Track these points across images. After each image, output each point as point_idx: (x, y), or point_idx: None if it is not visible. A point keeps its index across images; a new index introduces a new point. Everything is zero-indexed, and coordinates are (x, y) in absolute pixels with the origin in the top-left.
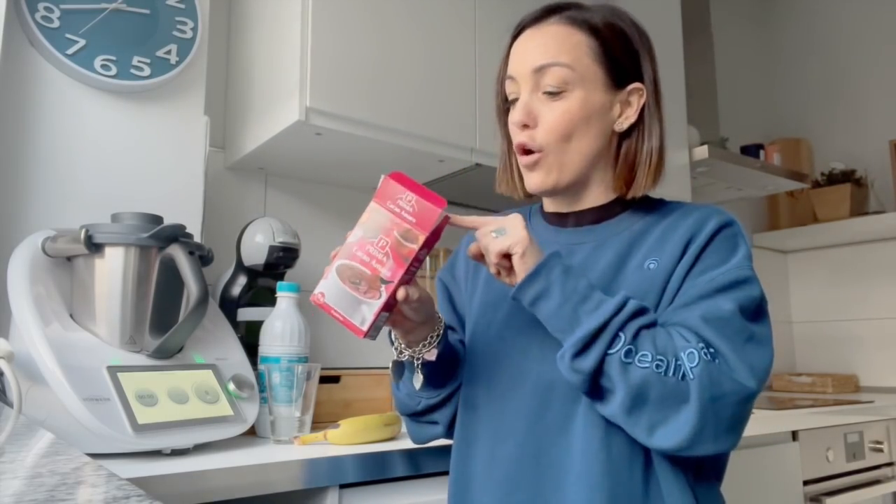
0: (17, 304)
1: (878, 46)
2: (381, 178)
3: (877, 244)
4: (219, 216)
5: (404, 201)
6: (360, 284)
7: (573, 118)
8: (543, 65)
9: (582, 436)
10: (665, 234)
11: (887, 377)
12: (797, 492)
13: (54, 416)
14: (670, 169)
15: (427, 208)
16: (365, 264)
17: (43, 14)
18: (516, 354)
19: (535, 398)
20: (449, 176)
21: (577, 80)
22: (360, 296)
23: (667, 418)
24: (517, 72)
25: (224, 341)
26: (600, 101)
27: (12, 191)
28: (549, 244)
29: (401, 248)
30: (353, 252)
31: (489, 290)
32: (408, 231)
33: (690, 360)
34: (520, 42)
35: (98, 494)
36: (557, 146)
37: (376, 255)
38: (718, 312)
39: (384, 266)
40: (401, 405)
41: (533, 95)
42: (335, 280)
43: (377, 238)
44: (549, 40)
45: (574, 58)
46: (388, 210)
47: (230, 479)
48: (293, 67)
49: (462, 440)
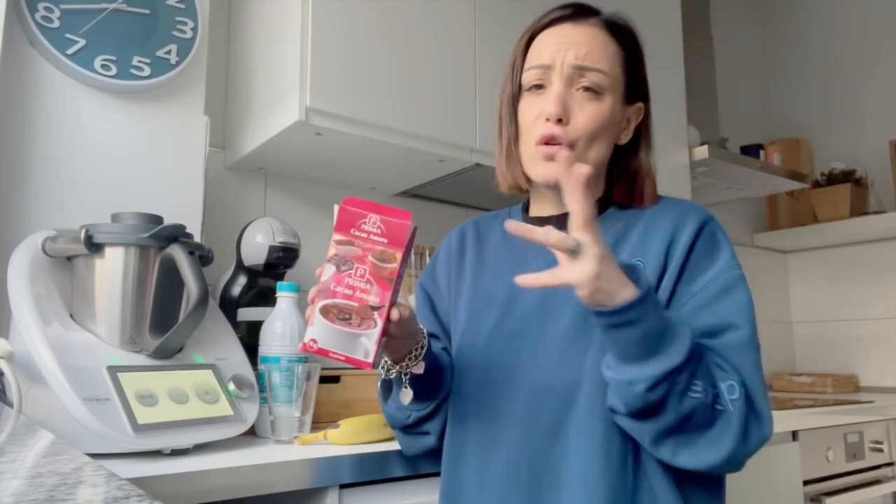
0: (17, 304)
1: (877, 46)
2: (335, 207)
3: (877, 244)
4: (219, 216)
5: (369, 224)
6: (351, 319)
7: (603, 121)
8: (587, 66)
9: (579, 439)
10: (646, 233)
11: (887, 377)
12: (797, 492)
13: (54, 416)
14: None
15: (396, 225)
16: (349, 298)
17: (43, 14)
18: (508, 361)
19: (529, 404)
20: (449, 176)
21: (609, 88)
22: (356, 329)
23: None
24: (555, 62)
25: (224, 341)
26: (619, 111)
27: (12, 191)
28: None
29: (381, 270)
30: (332, 289)
31: (476, 295)
32: (382, 252)
33: (730, 392)
34: (557, 32)
35: (98, 494)
36: (584, 144)
37: (358, 285)
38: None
39: (370, 294)
40: (391, 419)
41: (568, 90)
42: (322, 323)
43: (353, 269)
44: (594, 43)
45: (610, 66)
46: (353, 238)
47: (230, 479)
48: (293, 67)
49: (452, 447)
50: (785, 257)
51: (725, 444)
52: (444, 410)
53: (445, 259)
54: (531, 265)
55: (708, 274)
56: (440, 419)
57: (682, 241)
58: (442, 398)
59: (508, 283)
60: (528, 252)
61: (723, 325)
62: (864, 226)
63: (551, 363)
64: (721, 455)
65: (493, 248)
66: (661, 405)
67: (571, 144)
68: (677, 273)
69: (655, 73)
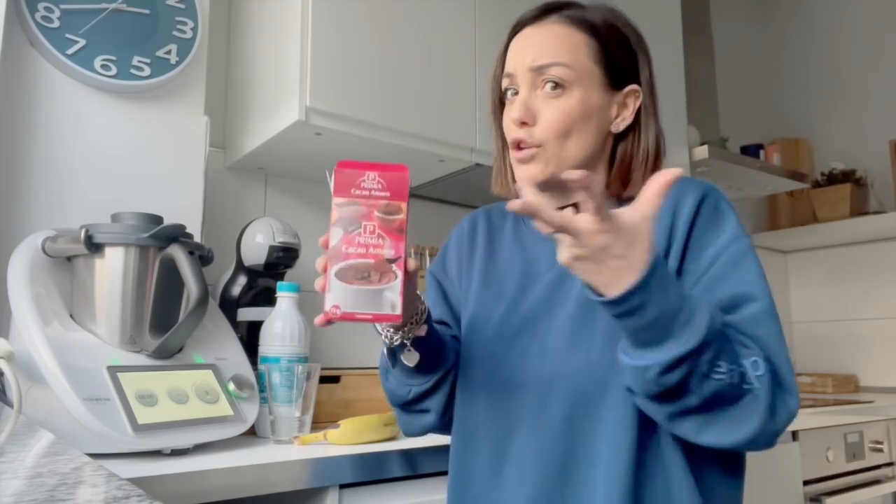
0: (17, 304)
1: (878, 46)
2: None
3: (877, 244)
4: (219, 216)
5: (368, 181)
6: (370, 276)
7: (572, 116)
8: (543, 64)
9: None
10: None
11: (887, 377)
12: (797, 492)
13: (54, 416)
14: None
15: (395, 177)
16: (364, 256)
17: (43, 14)
18: (515, 351)
19: (536, 394)
20: (449, 176)
21: (576, 80)
22: (378, 285)
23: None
24: (516, 69)
25: (224, 341)
26: (598, 100)
27: (12, 191)
28: (544, 241)
29: (389, 223)
30: (345, 251)
31: (485, 285)
32: (387, 206)
33: (755, 368)
34: (519, 40)
35: (98, 494)
36: (555, 143)
37: (370, 241)
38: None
39: (384, 247)
40: (392, 395)
41: (532, 93)
42: (341, 286)
43: (361, 227)
44: (549, 39)
45: (574, 58)
46: (355, 198)
47: (230, 479)
48: (293, 67)
49: (462, 438)
50: (785, 257)
51: (753, 422)
52: (445, 387)
53: (457, 247)
54: (541, 257)
55: (716, 245)
56: (440, 396)
57: (683, 217)
58: (442, 374)
59: (518, 275)
60: (538, 244)
61: (739, 297)
62: (864, 226)
63: (558, 352)
64: (748, 432)
65: (505, 238)
66: (680, 389)
67: (539, 144)
68: (682, 248)
69: (656, 73)
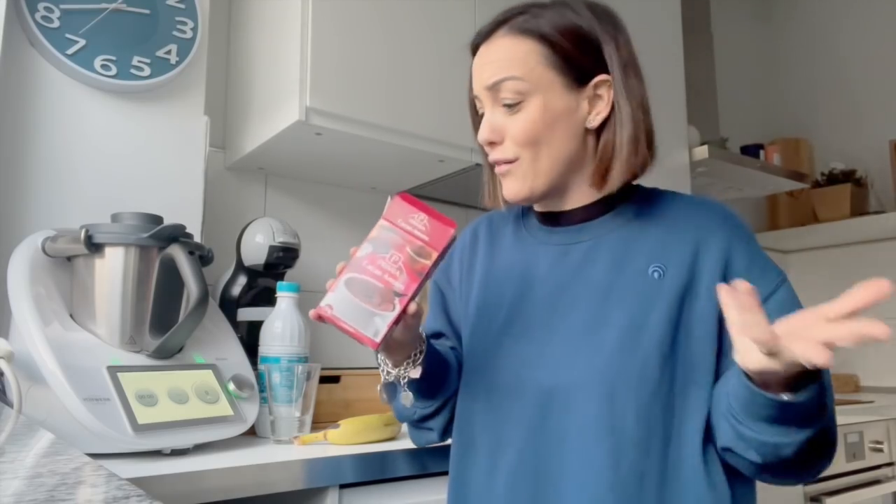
0: (17, 304)
1: (878, 46)
2: (388, 198)
3: (877, 244)
4: (219, 216)
5: (416, 220)
6: (372, 297)
7: (536, 126)
8: (496, 81)
9: (582, 448)
10: (667, 236)
11: (887, 377)
12: (797, 492)
13: (54, 416)
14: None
15: (440, 228)
16: (378, 278)
17: (43, 14)
18: (515, 361)
19: (535, 406)
20: (449, 176)
21: (532, 90)
22: (374, 308)
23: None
24: (477, 90)
25: (224, 341)
26: (562, 104)
27: (12, 191)
28: (545, 246)
29: (414, 263)
30: (364, 266)
31: (486, 293)
32: (421, 248)
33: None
34: (476, 60)
35: (98, 494)
36: (528, 154)
37: (389, 269)
38: None
39: (398, 280)
40: (398, 415)
41: (495, 111)
42: (345, 293)
43: (389, 253)
44: (499, 55)
45: (525, 69)
46: (399, 228)
47: (230, 479)
48: (293, 67)
49: (460, 447)
50: (785, 257)
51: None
52: (448, 409)
53: (459, 256)
54: (540, 265)
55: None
56: (443, 417)
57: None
58: (445, 398)
59: (518, 282)
60: (537, 250)
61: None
62: (864, 226)
63: (559, 364)
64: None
65: (505, 245)
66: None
67: (516, 157)
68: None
69: (655, 73)
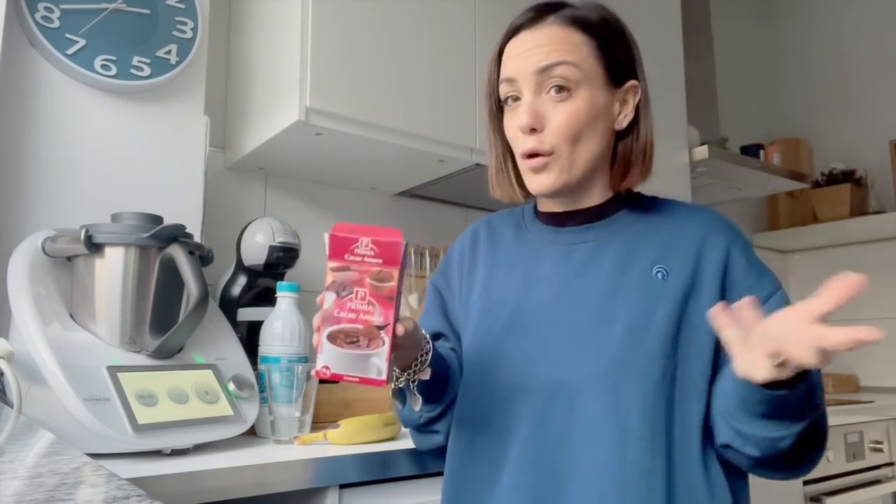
0: (17, 304)
1: (878, 46)
2: (324, 237)
3: (877, 244)
4: (219, 216)
5: (361, 248)
6: (359, 341)
7: (581, 118)
8: (549, 64)
9: (587, 442)
10: (670, 240)
11: (887, 377)
12: (797, 492)
13: (54, 416)
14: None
15: (388, 244)
16: (354, 321)
17: (43, 14)
18: (518, 357)
19: (540, 401)
20: (449, 176)
21: (582, 80)
22: (365, 350)
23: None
24: (517, 73)
25: (224, 341)
26: (603, 100)
27: (12, 191)
28: (549, 246)
29: (380, 290)
30: (336, 315)
31: (489, 293)
32: (379, 272)
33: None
34: (517, 43)
35: (98, 494)
36: (567, 148)
37: (361, 307)
38: None
39: (373, 314)
40: (404, 420)
41: (538, 97)
42: (331, 349)
43: (353, 292)
44: (552, 40)
45: (578, 57)
46: (348, 263)
47: (230, 479)
48: (293, 67)
49: (461, 442)
50: (785, 257)
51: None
52: (452, 410)
53: (458, 258)
54: (544, 263)
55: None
56: (448, 418)
57: (713, 259)
58: (451, 398)
59: (521, 281)
60: (540, 250)
61: None
62: (864, 226)
63: (562, 360)
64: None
65: (507, 245)
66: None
67: (552, 151)
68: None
69: (655, 73)
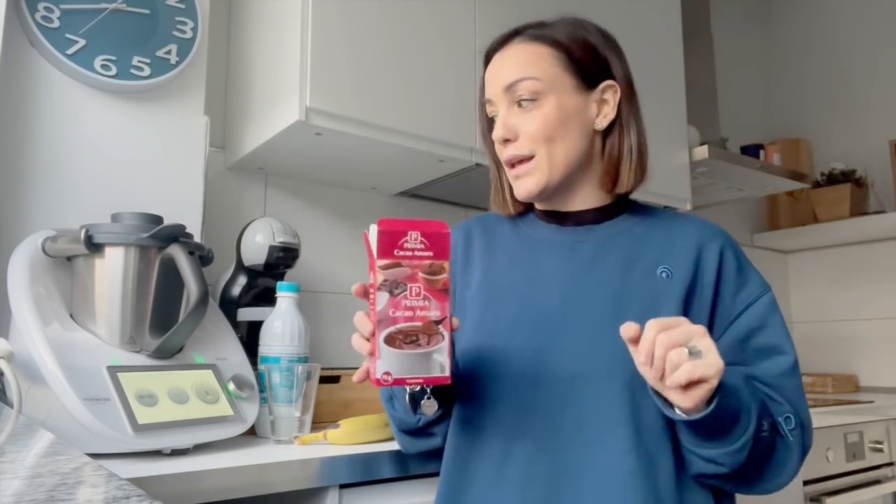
0: (17, 304)
1: (878, 46)
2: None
3: (877, 244)
4: (219, 216)
5: (411, 242)
6: (418, 340)
7: (550, 121)
8: (512, 81)
9: (603, 434)
10: (672, 241)
11: (887, 377)
12: (797, 492)
13: (54, 416)
14: (670, 169)
15: (437, 236)
16: (412, 319)
17: (43, 14)
18: (529, 351)
19: (554, 394)
20: (449, 176)
21: (547, 89)
22: (426, 348)
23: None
24: (491, 94)
25: (224, 341)
26: (574, 103)
27: (12, 191)
28: (550, 242)
29: (434, 284)
30: (392, 315)
31: (489, 287)
32: (431, 265)
33: (787, 423)
34: (490, 67)
35: (98, 494)
36: (544, 150)
37: (417, 304)
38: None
39: (430, 309)
40: (399, 423)
41: (510, 111)
42: (390, 352)
43: (407, 289)
44: (516, 58)
45: (541, 69)
46: (399, 259)
47: (230, 479)
48: (293, 67)
49: (465, 436)
50: (785, 257)
51: (788, 472)
52: (451, 411)
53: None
54: (546, 259)
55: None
56: (447, 421)
57: (710, 259)
58: (452, 400)
59: (525, 273)
60: (541, 246)
61: (770, 349)
62: (864, 226)
63: (580, 353)
64: (783, 481)
65: (505, 242)
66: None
67: (532, 154)
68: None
69: (655, 73)
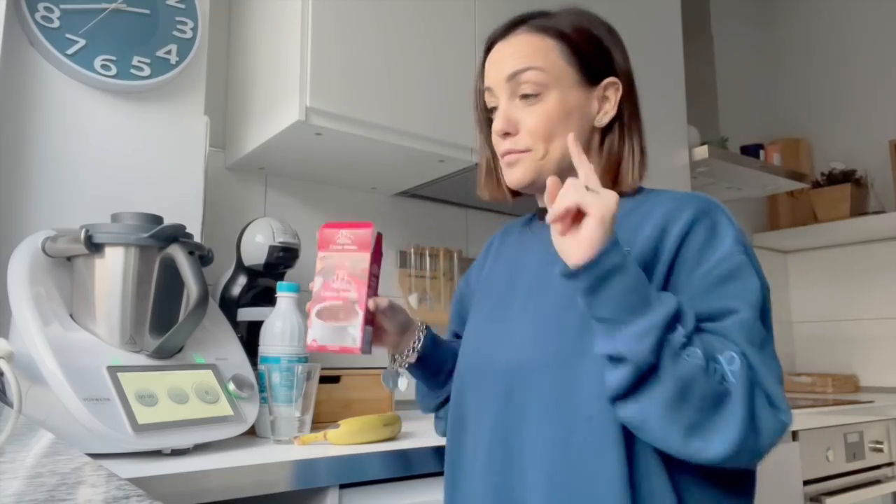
0: (17, 304)
1: (878, 46)
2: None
3: (877, 244)
4: (219, 216)
5: (342, 238)
6: (339, 315)
7: (552, 118)
8: (517, 70)
9: (539, 423)
10: (642, 220)
11: (887, 377)
12: (797, 492)
13: (54, 416)
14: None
15: (361, 233)
16: (335, 298)
17: (43, 14)
18: (488, 343)
19: (503, 384)
20: (449, 176)
21: (550, 82)
22: (343, 322)
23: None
24: (493, 82)
25: (224, 341)
26: (576, 98)
27: (12, 191)
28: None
29: (356, 271)
30: (322, 295)
31: (482, 288)
32: (354, 256)
33: (729, 363)
34: (492, 55)
35: (98, 494)
36: (541, 146)
37: (341, 287)
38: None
39: (350, 291)
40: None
41: (511, 103)
42: (318, 323)
43: (335, 275)
44: (520, 48)
45: (546, 61)
46: (332, 251)
47: (230, 479)
48: (293, 67)
49: (453, 425)
50: (785, 257)
51: (734, 424)
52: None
53: (479, 264)
54: (528, 255)
55: (709, 262)
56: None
57: (672, 235)
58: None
59: (508, 273)
60: (528, 243)
61: (721, 310)
62: (864, 226)
63: (524, 343)
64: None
65: (510, 244)
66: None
67: (528, 150)
68: (668, 265)
69: (655, 73)
